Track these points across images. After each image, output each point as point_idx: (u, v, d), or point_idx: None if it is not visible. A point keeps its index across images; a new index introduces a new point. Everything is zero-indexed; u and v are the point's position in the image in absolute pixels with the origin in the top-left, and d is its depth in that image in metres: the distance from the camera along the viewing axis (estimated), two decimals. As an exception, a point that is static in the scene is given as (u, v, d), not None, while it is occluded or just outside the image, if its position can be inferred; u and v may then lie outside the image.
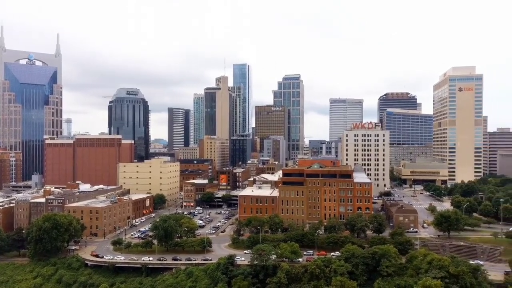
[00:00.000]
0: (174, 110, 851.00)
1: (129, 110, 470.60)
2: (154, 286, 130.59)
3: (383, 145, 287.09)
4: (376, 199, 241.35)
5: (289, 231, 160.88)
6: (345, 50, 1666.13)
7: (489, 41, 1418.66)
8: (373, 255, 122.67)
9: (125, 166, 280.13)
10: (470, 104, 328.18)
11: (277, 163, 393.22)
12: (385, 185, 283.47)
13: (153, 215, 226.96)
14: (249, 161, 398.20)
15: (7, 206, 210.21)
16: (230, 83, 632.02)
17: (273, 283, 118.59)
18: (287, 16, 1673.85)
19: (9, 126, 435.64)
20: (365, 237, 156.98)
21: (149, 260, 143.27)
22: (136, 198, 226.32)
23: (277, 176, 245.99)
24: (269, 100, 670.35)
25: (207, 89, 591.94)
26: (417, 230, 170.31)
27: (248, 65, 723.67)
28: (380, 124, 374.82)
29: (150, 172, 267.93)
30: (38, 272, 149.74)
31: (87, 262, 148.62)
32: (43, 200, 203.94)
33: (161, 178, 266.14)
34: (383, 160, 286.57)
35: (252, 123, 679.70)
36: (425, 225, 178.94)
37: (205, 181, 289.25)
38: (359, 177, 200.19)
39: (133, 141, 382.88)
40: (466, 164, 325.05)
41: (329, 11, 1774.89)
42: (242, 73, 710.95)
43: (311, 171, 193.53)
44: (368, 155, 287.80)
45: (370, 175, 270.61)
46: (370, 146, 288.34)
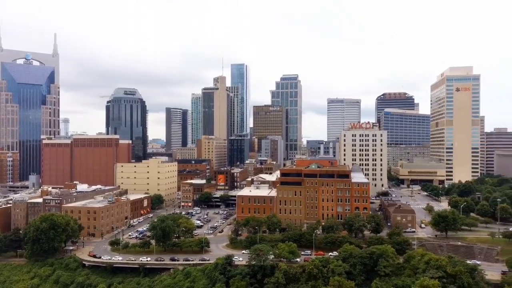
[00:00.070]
0: (172, 110, 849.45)
1: (126, 110, 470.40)
2: (152, 286, 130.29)
3: (381, 145, 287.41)
4: (373, 199, 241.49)
5: (287, 231, 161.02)
6: (345, 50, 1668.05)
7: (487, 42, 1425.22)
8: (370, 255, 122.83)
9: (122, 166, 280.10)
10: (467, 104, 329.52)
11: (275, 163, 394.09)
12: (382, 185, 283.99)
13: (151, 215, 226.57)
14: (247, 161, 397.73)
15: (4, 206, 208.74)
16: (228, 83, 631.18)
17: (271, 283, 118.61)
18: (287, 16, 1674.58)
19: (6, 126, 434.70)
20: (362, 237, 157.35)
21: (147, 260, 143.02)
22: (133, 198, 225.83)
23: (275, 176, 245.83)
24: (267, 100, 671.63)
25: (205, 89, 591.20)
26: (414, 230, 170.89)
27: (246, 65, 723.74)
28: (377, 124, 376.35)
29: (148, 172, 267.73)
30: (35, 272, 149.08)
31: (84, 262, 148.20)
32: (40, 200, 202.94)
33: (159, 178, 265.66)
34: (381, 160, 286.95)
35: (250, 123, 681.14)
36: (423, 225, 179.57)
37: (203, 181, 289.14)
38: (357, 177, 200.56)
39: (130, 141, 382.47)
40: (463, 164, 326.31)
41: (329, 11, 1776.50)
42: (240, 73, 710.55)
43: (309, 171, 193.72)
44: (365, 155, 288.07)
45: (367, 175, 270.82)
46: (367, 146, 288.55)
